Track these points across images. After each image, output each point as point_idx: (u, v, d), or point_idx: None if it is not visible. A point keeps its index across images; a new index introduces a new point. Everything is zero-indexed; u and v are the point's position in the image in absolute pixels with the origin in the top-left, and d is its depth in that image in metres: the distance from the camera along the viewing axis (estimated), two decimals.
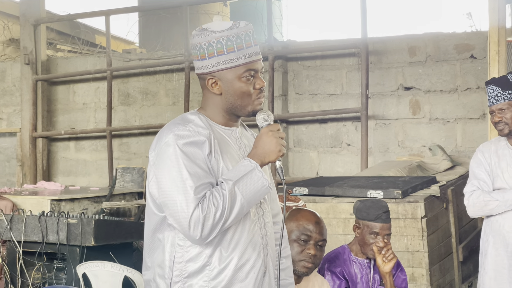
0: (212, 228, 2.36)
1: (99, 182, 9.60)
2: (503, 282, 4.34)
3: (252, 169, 2.43)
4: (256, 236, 2.54)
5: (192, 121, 2.52)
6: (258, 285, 2.53)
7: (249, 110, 2.56)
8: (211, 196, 2.36)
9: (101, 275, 4.80)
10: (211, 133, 2.49)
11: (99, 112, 9.78)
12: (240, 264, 2.48)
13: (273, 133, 2.48)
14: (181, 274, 2.46)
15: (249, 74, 2.53)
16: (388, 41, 8.19)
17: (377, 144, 8.22)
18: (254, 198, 2.44)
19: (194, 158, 2.41)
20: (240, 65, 2.52)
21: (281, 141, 2.49)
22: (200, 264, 2.45)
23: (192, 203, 2.34)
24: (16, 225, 5.63)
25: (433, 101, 7.98)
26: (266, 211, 2.63)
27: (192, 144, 2.42)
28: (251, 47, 2.56)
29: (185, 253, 2.46)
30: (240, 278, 2.48)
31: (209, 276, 2.45)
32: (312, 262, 3.28)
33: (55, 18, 10.68)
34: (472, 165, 4.51)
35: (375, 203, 3.95)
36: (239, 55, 2.52)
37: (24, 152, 9.82)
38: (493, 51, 5.62)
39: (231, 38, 2.51)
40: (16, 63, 10.23)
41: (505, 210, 4.29)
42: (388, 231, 3.87)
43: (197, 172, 2.39)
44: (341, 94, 8.41)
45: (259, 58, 2.58)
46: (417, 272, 5.19)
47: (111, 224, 5.53)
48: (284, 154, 2.50)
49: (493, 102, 4.34)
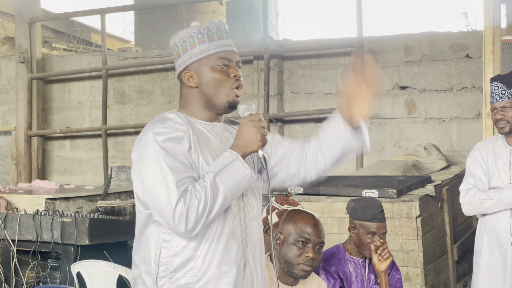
0: (197, 221, 2.37)
1: (94, 181, 9.58)
2: (497, 281, 4.34)
3: (233, 159, 2.43)
4: (236, 229, 2.54)
5: (170, 119, 2.55)
6: (240, 277, 2.54)
7: (225, 100, 2.57)
8: (193, 189, 2.38)
9: (96, 274, 4.79)
10: (190, 129, 2.51)
11: (94, 110, 9.76)
12: (224, 255, 2.49)
13: (253, 122, 2.49)
14: (167, 269, 2.48)
15: (222, 63, 2.56)
16: (384, 40, 8.19)
17: (372, 144, 8.22)
18: (237, 188, 2.45)
19: (174, 153, 2.43)
20: (212, 55, 2.56)
21: (262, 130, 2.49)
22: (186, 257, 2.47)
23: (175, 197, 2.36)
24: (10, 223, 5.61)
25: (428, 100, 7.98)
26: (248, 203, 2.62)
27: (171, 140, 2.45)
28: (223, 39, 2.59)
29: (171, 247, 2.48)
30: (225, 270, 2.50)
31: (195, 269, 2.47)
32: (310, 265, 3.26)
33: (50, 16, 10.65)
34: (469, 163, 4.51)
35: (370, 203, 3.95)
36: (210, 46, 2.57)
37: (19, 150, 9.80)
38: (488, 50, 5.63)
39: (202, 31, 2.58)
40: (11, 61, 10.20)
41: (500, 209, 4.30)
42: (384, 230, 3.87)
43: (177, 166, 2.41)
44: (336, 93, 8.39)
45: (232, 49, 2.60)
46: (412, 272, 5.19)
47: (105, 223, 5.52)
48: (266, 143, 2.50)
49: (496, 99, 4.33)
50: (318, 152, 2.71)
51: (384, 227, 3.87)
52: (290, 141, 2.78)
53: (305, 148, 2.73)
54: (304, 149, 2.73)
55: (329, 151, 2.70)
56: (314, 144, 2.72)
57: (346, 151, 2.69)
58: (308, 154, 2.72)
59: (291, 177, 2.75)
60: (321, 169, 2.75)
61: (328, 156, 2.71)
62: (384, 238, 3.86)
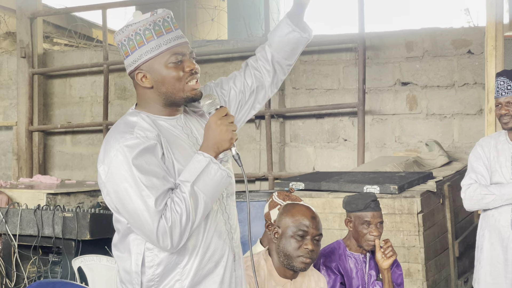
0: (181, 234, 2.30)
1: (95, 176, 9.51)
2: (498, 277, 4.35)
3: (207, 163, 2.34)
4: (220, 224, 2.50)
5: (136, 124, 2.43)
6: (230, 271, 2.51)
7: (183, 96, 2.46)
8: (172, 203, 2.29)
9: (97, 269, 4.80)
10: (159, 133, 2.41)
11: (96, 106, 9.76)
12: (209, 255, 2.45)
13: (222, 120, 2.37)
14: (153, 278, 2.41)
15: (176, 58, 2.43)
16: (385, 36, 8.18)
17: (374, 140, 8.21)
18: (216, 192, 2.38)
19: (149, 167, 2.31)
20: (163, 51, 2.43)
21: (231, 126, 2.38)
22: (172, 264, 2.40)
23: (156, 216, 2.27)
24: (11, 218, 5.62)
25: (430, 96, 7.97)
26: (228, 192, 2.57)
27: (143, 152, 2.33)
28: (172, 32, 2.45)
29: (155, 256, 2.40)
30: (210, 269, 2.45)
31: (181, 273, 2.41)
32: (310, 258, 3.27)
33: (51, 11, 10.64)
34: (471, 158, 4.51)
35: (362, 194, 4.00)
36: (160, 42, 2.42)
37: (20, 145, 9.80)
38: (490, 46, 5.61)
39: (148, 27, 2.42)
40: (12, 56, 10.19)
41: (501, 204, 4.30)
42: (380, 219, 3.87)
43: (153, 183, 2.30)
44: (338, 89, 8.39)
45: (183, 41, 2.47)
46: (413, 268, 5.19)
47: (106, 218, 5.52)
48: (237, 139, 2.40)
49: (502, 94, 4.33)
50: (267, 53, 2.72)
51: (379, 216, 3.88)
52: (227, 79, 2.73)
53: (248, 68, 2.73)
54: (247, 69, 2.73)
55: (279, 46, 2.71)
56: (258, 53, 2.74)
57: (295, 41, 2.71)
58: (256, 65, 2.72)
59: (258, 94, 2.75)
60: (281, 63, 2.75)
61: (280, 50, 2.72)
62: (381, 227, 3.87)
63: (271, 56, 2.73)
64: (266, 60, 2.74)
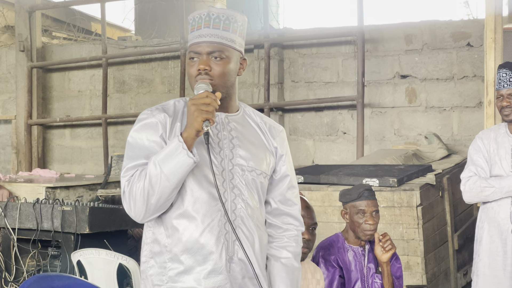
0: (141, 203, 2.42)
1: (94, 170, 9.58)
2: (497, 269, 4.34)
3: (175, 143, 2.40)
4: (215, 221, 2.48)
5: (164, 104, 2.61)
6: (222, 270, 2.48)
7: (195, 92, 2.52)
8: (138, 174, 2.44)
9: (96, 262, 4.79)
10: (170, 117, 2.54)
11: (95, 99, 9.75)
12: (196, 248, 2.46)
13: (192, 101, 2.41)
14: (148, 254, 2.55)
15: (189, 56, 2.54)
16: (385, 29, 8.17)
17: (373, 133, 8.21)
18: (177, 174, 2.40)
19: (140, 139, 2.52)
20: (189, 46, 2.57)
21: (201, 106, 2.40)
22: (161, 244, 2.50)
23: (123, 182, 2.47)
24: (10, 212, 5.61)
25: (429, 89, 7.96)
26: (237, 194, 2.55)
27: (142, 126, 2.54)
28: (200, 29, 2.53)
29: (152, 234, 2.54)
30: (198, 261, 2.47)
31: (167, 257, 2.49)
32: (306, 247, 3.30)
33: (50, 5, 10.63)
34: (471, 151, 4.50)
35: (357, 186, 4.01)
36: (191, 36, 2.56)
37: (19, 139, 9.79)
38: (489, 38, 5.60)
39: (195, 18, 2.55)
40: (11, 50, 10.18)
41: (501, 197, 4.29)
42: (375, 208, 3.88)
43: (134, 154, 2.50)
44: (337, 82, 8.39)
45: (201, 40, 2.52)
46: (412, 260, 5.19)
47: (106, 212, 5.51)
48: (210, 119, 2.40)
49: (504, 86, 4.31)
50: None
51: (374, 205, 3.88)
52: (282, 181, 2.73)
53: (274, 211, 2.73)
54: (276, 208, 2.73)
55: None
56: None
57: None
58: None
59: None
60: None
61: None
62: (376, 216, 3.87)
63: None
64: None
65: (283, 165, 2.70)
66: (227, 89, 2.55)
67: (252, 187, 2.58)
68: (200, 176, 2.49)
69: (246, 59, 2.64)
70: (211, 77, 2.50)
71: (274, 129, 2.71)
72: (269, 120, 2.74)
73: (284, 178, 2.70)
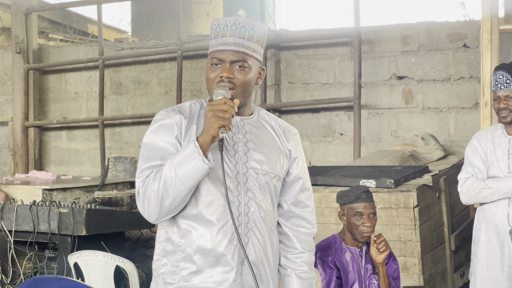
0: (155, 204, 2.44)
1: (91, 172, 9.57)
2: (494, 270, 4.35)
3: (189, 147, 2.42)
4: (229, 224, 2.51)
5: (180, 106, 2.63)
6: (233, 273, 2.51)
7: (213, 98, 2.53)
8: (153, 176, 2.46)
9: (93, 264, 4.79)
10: (186, 119, 2.56)
11: (91, 101, 9.74)
12: (209, 249, 2.50)
13: (209, 107, 2.43)
14: (161, 253, 2.58)
15: (211, 62, 2.56)
16: (381, 30, 8.17)
17: (370, 134, 8.21)
18: (191, 179, 2.42)
19: (156, 140, 2.54)
20: (210, 53, 2.58)
21: (219, 113, 2.41)
22: (175, 244, 2.54)
23: (138, 183, 2.50)
24: (7, 214, 5.60)
25: (425, 90, 7.97)
26: (251, 197, 2.58)
27: (158, 127, 2.56)
28: (225, 37, 2.55)
29: (165, 232, 2.58)
30: (210, 263, 2.51)
31: (180, 257, 2.53)
32: None
33: (46, 6, 10.61)
34: (468, 152, 4.50)
35: (354, 187, 4.01)
36: (213, 43, 2.58)
37: (15, 141, 9.78)
38: (485, 40, 5.60)
39: (219, 25, 2.57)
40: (7, 52, 10.16)
41: (498, 198, 4.30)
42: (372, 210, 3.88)
43: (149, 155, 2.52)
44: (333, 83, 8.39)
45: (225, 48, 2.54)
46: (409, 262, 5.19)
47: (102, 214, 5.51)
48: (226, 126, 2.42)
49: (501, 88, 4.30)
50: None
51: (371, 207, 3.89)
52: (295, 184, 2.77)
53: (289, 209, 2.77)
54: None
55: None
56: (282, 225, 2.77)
57: None
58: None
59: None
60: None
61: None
62: (374, 219, 3.88)
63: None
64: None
65: (296, 167, 2.75)
66: (246, 98, 2.60)
67: (266, 190, 2.63)
68: (215, 179, 2.52)
69: (264, 69, 2.67)
70: (233, 85, 2.54)
71: (288, 132, 2.79)
72: (283, 123, 2.81)
73: (297, 181, 2.75)
